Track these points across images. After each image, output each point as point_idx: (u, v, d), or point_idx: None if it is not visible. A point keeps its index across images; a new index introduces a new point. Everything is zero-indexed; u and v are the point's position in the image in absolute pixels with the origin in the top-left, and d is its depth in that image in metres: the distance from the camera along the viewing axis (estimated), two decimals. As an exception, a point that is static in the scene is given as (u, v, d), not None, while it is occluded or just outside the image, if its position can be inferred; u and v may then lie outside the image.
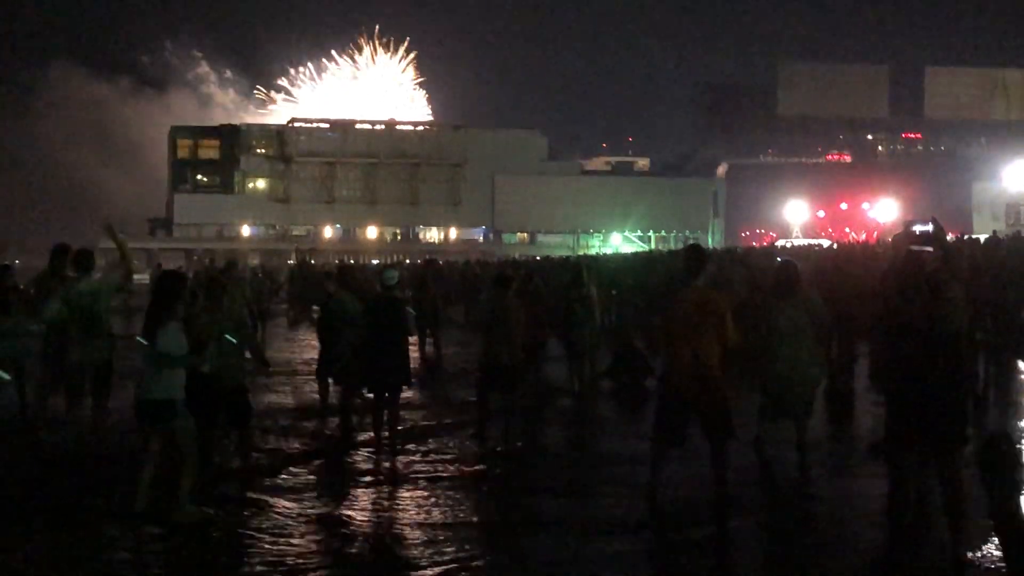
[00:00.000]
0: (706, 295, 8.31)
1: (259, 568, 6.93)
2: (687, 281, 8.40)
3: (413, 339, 13.33)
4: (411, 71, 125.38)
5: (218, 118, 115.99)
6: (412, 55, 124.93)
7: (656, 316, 8.96)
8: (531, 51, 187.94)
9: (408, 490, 9.11)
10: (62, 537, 7.68)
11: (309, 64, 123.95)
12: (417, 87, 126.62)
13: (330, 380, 12.52)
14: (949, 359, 6.45)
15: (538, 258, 30.01)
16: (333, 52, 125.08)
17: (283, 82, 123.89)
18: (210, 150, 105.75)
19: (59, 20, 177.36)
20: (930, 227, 8.40)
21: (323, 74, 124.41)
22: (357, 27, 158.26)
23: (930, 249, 6.98)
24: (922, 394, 6.41)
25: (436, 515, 8.26)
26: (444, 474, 9.70)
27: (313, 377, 13.77)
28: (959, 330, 6.63)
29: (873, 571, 6.77)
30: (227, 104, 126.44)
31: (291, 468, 9.90)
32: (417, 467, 9.99)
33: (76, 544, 7.53)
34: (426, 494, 8.92)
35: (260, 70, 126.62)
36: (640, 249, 72.32)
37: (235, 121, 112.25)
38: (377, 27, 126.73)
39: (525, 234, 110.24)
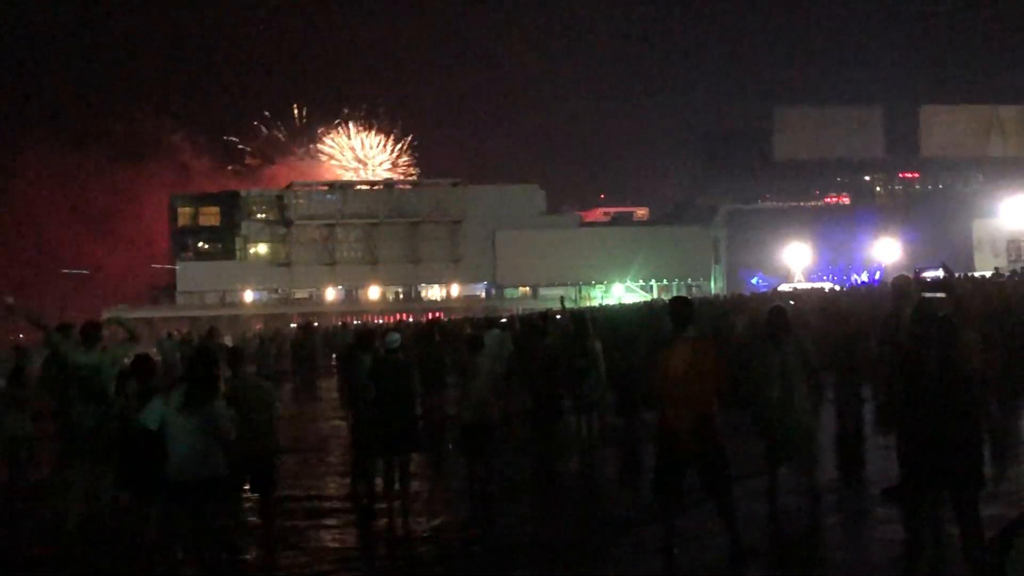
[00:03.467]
0: (698, 345, 8.28)
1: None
2: (676, 333, 8.36)
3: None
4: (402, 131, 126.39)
5: (199, 185, 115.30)
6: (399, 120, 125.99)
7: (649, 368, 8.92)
8: (527, 105, 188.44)
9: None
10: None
11: (283, 127, 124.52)
12: (411, 147, 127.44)
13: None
14: (965, 402, 6.43)
15: (551, 311, 29.80)
16: (315, 119, 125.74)
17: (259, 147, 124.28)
18: (210, 217, 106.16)
19: (29, 95, 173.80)
20: (940, 272, 8.44)
21: (311, 138, 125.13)
22: (340, 89, 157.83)
23: (942, 295, 7.01)
24: (939, 437, 6.37)
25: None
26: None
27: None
28: (972, 373, 6.62)
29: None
30: (204, 171, 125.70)
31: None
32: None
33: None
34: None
35: (233, 136, 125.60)
36: (643, 299, 72.32)
37: (215, 188, 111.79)
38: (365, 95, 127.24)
39: (527, 288, 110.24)
